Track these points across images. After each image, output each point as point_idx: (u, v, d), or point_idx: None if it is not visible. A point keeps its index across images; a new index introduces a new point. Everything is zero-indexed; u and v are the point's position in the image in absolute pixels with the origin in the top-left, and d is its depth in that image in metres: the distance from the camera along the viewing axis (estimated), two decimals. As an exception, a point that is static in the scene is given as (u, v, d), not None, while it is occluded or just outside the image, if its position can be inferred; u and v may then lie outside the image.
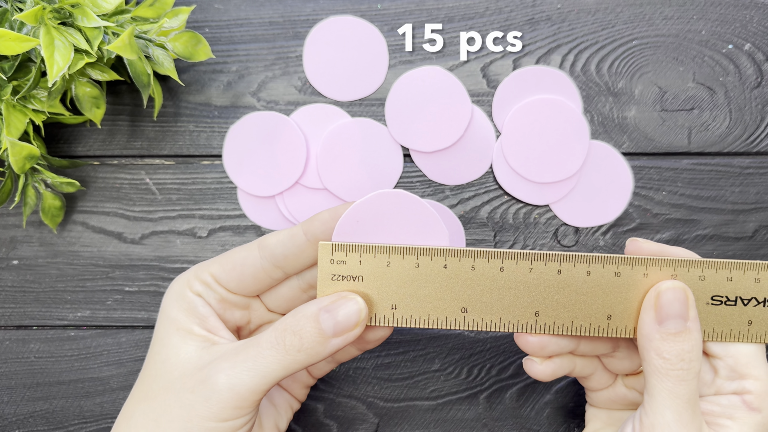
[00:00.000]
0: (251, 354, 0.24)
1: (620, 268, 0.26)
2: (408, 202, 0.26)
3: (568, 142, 0.35)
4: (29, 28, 0.28)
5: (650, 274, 0.26)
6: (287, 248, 0.26)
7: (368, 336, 0.28)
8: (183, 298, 0.26)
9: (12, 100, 0.30)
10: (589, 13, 0.35)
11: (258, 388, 0.24)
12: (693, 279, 0.26)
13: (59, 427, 0.36)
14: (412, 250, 0.26)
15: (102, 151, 0.36)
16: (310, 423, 0.36)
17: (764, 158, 0.35)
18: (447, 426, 0.36)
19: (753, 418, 0.25)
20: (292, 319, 0.25)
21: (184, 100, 0.36)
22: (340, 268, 0.26)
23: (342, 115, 0.35)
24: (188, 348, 0.25)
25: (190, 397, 0.24)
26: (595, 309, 0.26)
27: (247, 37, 0.35)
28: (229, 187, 0.36)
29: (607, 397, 0.30)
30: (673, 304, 0.25)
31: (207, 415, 0.24)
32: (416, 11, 0.35)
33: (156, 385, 0.25)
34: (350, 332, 0.25)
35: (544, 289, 0.26)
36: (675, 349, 0.24)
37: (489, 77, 0.35)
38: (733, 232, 0.35)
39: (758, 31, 0.35)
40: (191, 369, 0.25)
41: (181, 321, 0.26)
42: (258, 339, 0.25)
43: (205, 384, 0.24)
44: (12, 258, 0.36)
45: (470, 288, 0.26)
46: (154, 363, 0.26)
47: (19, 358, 0.36)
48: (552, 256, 0.26)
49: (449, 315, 0.26)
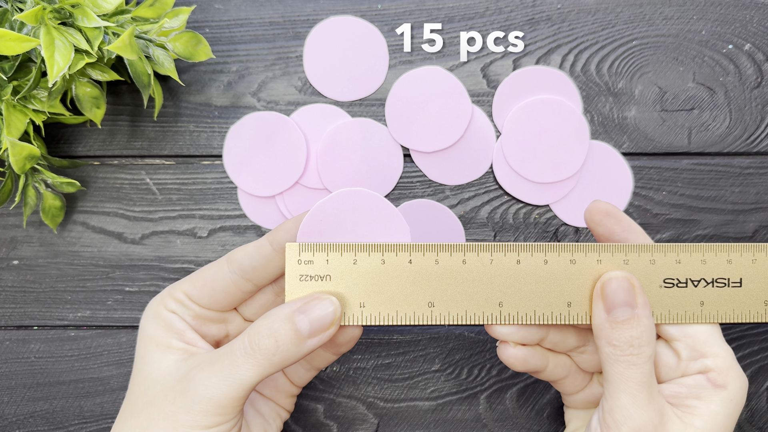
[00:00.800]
0: (225, 363, 0.24)
1: (575, 256, 0.27)
2: (369, 200, 0.27)
3: (568, 142, 0.35)
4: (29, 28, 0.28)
5: (603, 260, 0.27)
6: (255, 260, 0.26)
7: (339, 338, 0.28)
8: (158, 316, 0.27)
9: (12, 100, 0.30)
10: (589, 13, 0.35)
11: (235, 395, 0.24)
12: (644, 263, 0.27)
13: (59, 427, 0.36)
14: (377, 247, 0.26)
15: (102, 151, 0.36)
16: (311, 423, 0.36)
17: (764, 158, 0.35)
18: (447, 426, 0.36)
19: (719, 395, 0.25)
20: (265, 323, 0.25)
21: (185, 100, 0.36)
22: (308, 268, 0.26)
23: (342, 115, 0.35)
24: (168, 361, 0.26)
25: (172, 408, 0.24)
26: (554, 297, 0.27)
27: (247, 37, 0.35)
28: (229, 187, 0.36)
29: (584, 399, 0.30)
30: (618, 293, 0.25)
31: (191, 424, 0.24)
32: (416, 11, 0.35)
33: (140, 401, 0.26)
34: (326, 332, 0.25)
35: (505, 279, 0.27)
36: (624, 336, 0.25)
37: (489, 77, 0.35)
38: (733, 232, 0.35)
39: (758, 31, 0.35)
40: (171, 381, 0.25)
41: (159, 337, 0.26)
42: (231, 346, 0.25)
43: (186, 395, 0.24)
44: (12, 258, 0.36)
45: (435, 282, 0.26)
46: (137, 380, 0.26)
47: (20, 358, 0.36)
48: (510, 247, 0.27)
49: (416, 310, 0.26)
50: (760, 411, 0.35)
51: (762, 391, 0.35)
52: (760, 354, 0.35)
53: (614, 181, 0.35)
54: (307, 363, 0.30)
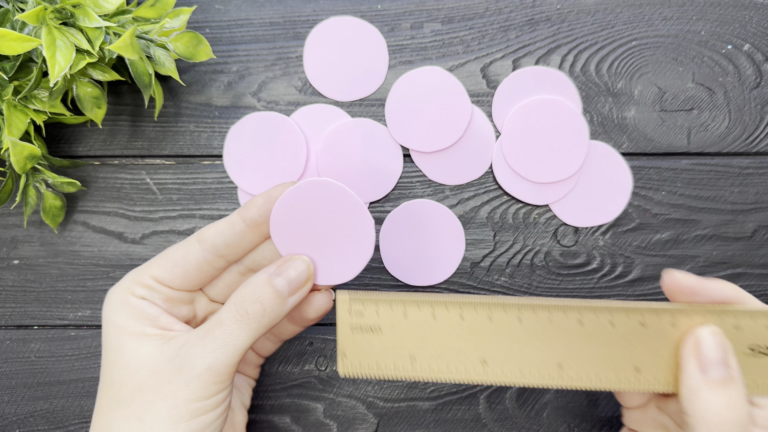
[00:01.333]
0: (218, 333, 0.25)
1: (646, 318, 0.25)
2: (336, 190, 0.27)
3: (567, 142, 0.35)
4: (31, 28, 0.28)
5: (678, 323, 0.25)
6: (228, 237, 0.27)
7: (308, 312, 0.29)
8: (128, 305, 0.27)
9: (13, 100, 0.30)
10: (589, 13, 0.35)
11: (232, 360, 0.25)
12: (727, 329, 0.24)
13: (59, 427, 0.36)
14: (427, 302, 0.26)
15: (103, 151, 0.36)
16: (310, 423, 0.36)
17: (763, 158, 0.35)
18: (447, 426, 0.36)
19: None
20: (247, 290, 0.26)
21: (185, 100, 0.36)
22: (358, 319, 0.26)
23: (342, 115, 0.35)
24: (147, 349, 0.26)
25: (169, 387, 0.25)
26: (621, 361, 0.25)
27: (247, 37, 0.36)
28: (229, 187, 0.36)
29: (640, 418, 0.30)
30: (714, 350, 0.24)
31: (191, 398, 0.25)
32: (416, 12, 0.35)
33: (126, 390, 0.26)
34: (303, 288, 0.27)
35: (565, 339, 0.25)
36: (722, 399, 0.23)
37: (489, 78, 0.35)
38: (732, 232, 0.35)
39: (757, 31, 0.35)
40: (160, 364, 0.25)
41: (132, 326, 0.26)
42: (219, 318, 0.26)
43: (182, 371, 0.25)
44: (13, 258, 0.36)
45: (489, 339, 0.25)
46: (114, 371, 0.26)
47: (20, 357, 0.36)
48: (572, 307, 0.25)
49: (468, 366, 0.26)
50: (760, 411, 0.35)
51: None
52: (760, 354, 0.35)
53: (613, 181, 0.35)
54: (274, 336, 0.31)
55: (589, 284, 0.36)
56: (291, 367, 0.36)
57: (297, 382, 0.36)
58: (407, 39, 0.35)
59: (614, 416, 0.36)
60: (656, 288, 0.35)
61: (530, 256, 0.36)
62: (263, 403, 0.36)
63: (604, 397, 0.36)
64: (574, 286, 0.36)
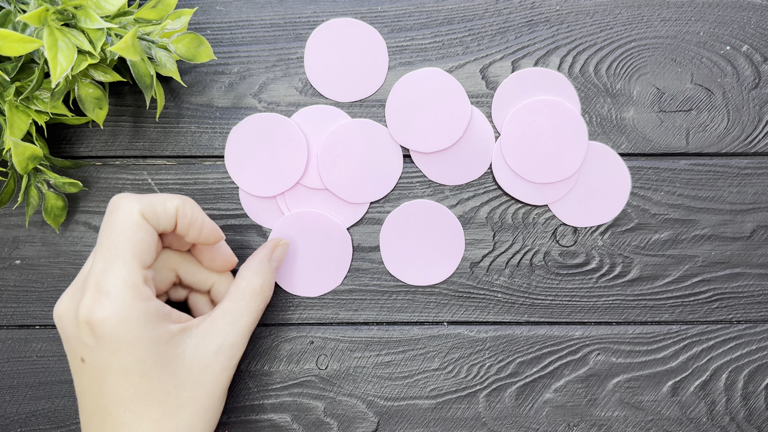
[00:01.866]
0: (229, 320, 0.30)
1: None
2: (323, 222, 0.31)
3: (566, 142, 0.35)
4: (32, 30, 0.28)
5: None
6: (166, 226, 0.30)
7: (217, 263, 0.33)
8: (148, 312, 0.28)
9: (15, 100, 0.30)
10: (588, 14, 0.35)
11: (245, 339, 0.31)
12: None
13: (61, 426, 0.36)
14: None
15: (104, 152, 0.36)
16: (310, 421, 0.36)
17: (762, 159, 0.35)
18: (446, 425, 0.36)
19: None
20: (250, 269, 0.32)
21: (186, 101, 0.36)
22: None
23: (342, 116, 0.35)
24: (189, 345, 0.29)
25: (212, 376, 0.30)
26: None
27: (248, 38, 0.36)
28: (230, 187, 0.36)
29: None
30: None
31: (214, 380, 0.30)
32: (416, 13, 0.36)
33: (184, 392, 0.29)
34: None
35: None
36: None
37: (488, 79, 0.36)
38: (730, 233, 0.35)
39: (756, 32, 0.35)
40: (204, 361, 0.29)
41: (163, 333, 0.28)
42: (229, 304, 0.31)
43: (215, 362, 0.30)
44: (15, 258, 0.36)
45: None
46: (167, 378, 0.28)
47: (22, 357, 0.36)
48: None
49: None
50: (759, 410, 0.36)
51: (760, 390, 0.36)
52: (758, 353, 0.36)
53: (612, 182, 0.35)
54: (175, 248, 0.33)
55: (588, 284, 0.36)
56: (291, 365, 0.36)
57: (297, 381, 0.36)
58: (407, 40, 0.36)
59: (614, 416, 0.36)
60: (655, 288, 0.36)
61: (529, 256, 0.36)
62: (263, 402, 0.36)
63: (605, 396, 0.36)
64: (573, 285, 0.36)
